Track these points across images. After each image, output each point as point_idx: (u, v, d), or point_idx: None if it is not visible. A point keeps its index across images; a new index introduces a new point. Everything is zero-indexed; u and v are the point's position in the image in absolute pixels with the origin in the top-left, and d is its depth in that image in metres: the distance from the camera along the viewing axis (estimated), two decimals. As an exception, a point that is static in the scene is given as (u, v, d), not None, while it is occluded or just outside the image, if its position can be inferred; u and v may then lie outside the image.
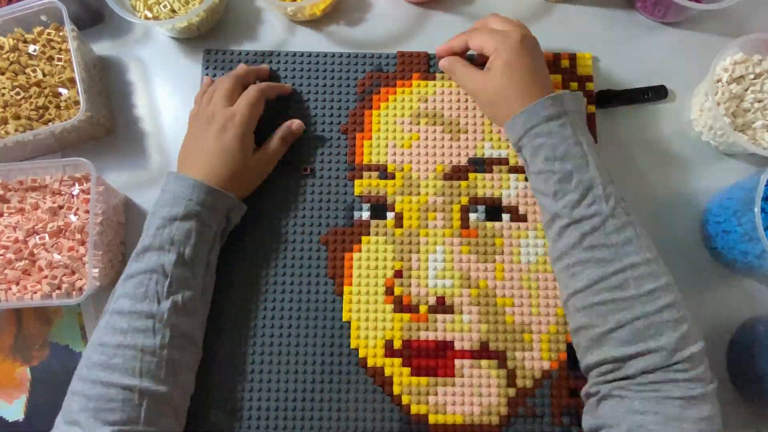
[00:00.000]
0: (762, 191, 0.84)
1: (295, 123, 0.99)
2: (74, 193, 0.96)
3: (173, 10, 1.02)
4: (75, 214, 0.95)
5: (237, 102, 0.93)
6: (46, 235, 0.94)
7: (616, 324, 0.76)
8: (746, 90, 0.97)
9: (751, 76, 0.97)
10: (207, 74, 1.06)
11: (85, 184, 0.96)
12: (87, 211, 0.94)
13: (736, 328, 0.94)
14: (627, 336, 0.76)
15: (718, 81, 0.97)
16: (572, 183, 0.82)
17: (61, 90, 0.99)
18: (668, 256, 0.93)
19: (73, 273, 0.93)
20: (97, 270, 0.91)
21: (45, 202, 0.95)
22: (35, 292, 0.92)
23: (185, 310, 0.84)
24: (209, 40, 1.08)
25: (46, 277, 0.92)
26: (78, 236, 0.94)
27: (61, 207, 0.95)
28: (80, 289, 0.92)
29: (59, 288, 0.92)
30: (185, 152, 0.93)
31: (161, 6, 1.02)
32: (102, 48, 1.09)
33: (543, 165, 0.85)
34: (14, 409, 0.97)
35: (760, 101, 0.96)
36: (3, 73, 0.99)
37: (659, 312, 0.75)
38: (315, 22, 1.08)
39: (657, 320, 0.75)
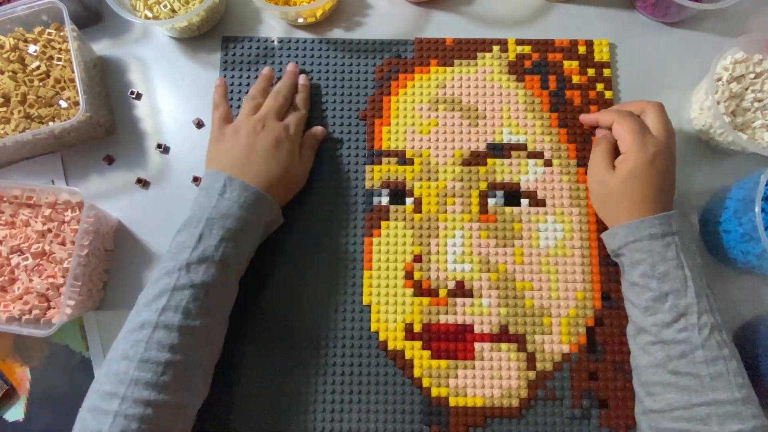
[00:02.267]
0: (762, 191, 0.84)
1: (319, 129, 1.01)
2: (66, 219, 0.94)
3: (173, 10, 1.02)
4: (62, 243, 0.93)
5: (287, 119, 0.96)
6: (29, 256, 0.91)
7: None
8: (746, 89, 0.98)
9: (752, 76, 0.98)
10: (225, 60, 1.06)
11: (78, 212, 0.94)
12: (74, 242, 0.91)
13: (738, 328, 0.95)
14: None
15: (719, 80, 0.98)
16: (666, 304, 0.80)
17: (61, 90, 0.98)
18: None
19: (48, 301, 0.91)
20: (72, 302, 0.88)
21: (36, 222, 0.93)
22: (5, 314, 0.90)
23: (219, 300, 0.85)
24: (209, 39, 1.08)
25: (20, 298, 0.90)
26: (59, 268, 0.91)
27: (50, 231, 0.93)
28: (50, 321, 0.90)
29: (29, 313, 0.90)
30: (231, 157, 0.91)
31: (161, 6, 1.02)
32: (102, 47, 1.08)
33: (639, 279, 0.84)
34: (14, 409, 0.95)
35: (760, 101, 0.97)
36: (3, 73, 0.98)
37: None
38: (314, 25, 1.08)
39: None
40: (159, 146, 1.03)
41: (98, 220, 0.93)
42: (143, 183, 1.02)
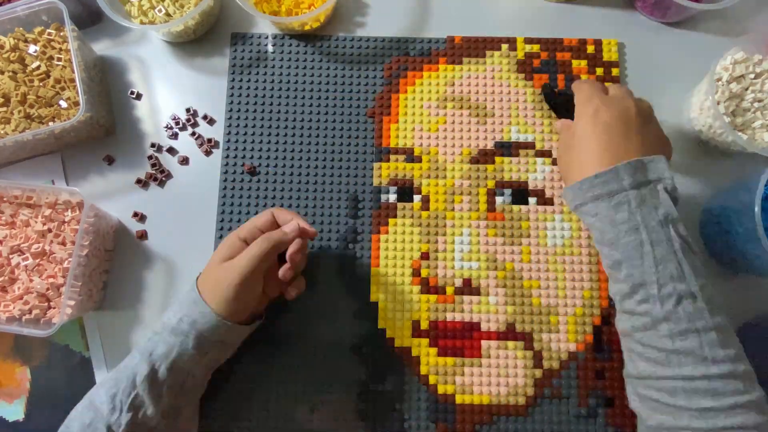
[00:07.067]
0: (762, 191, 0.84)
1: (290, 227, 0.83)
2: (66, 219, 0.94)
3: (168, 14, 1.01)
4: (62, 243, 0.92)
5: (244, 252, 0.81)
6: (30, 256, 0.91)
7: (659, 425, 0.70)
8: (746, 89, 0.98)
9: (752, 76, 0.99)
10: (234, 56, 1.06)
11: (78, 212, 0.94)
12: (74, 242, 0.91)
13: (738, 328, 0.95)
14: None
15: (719, 80, 0.98)
16: (621, 273, 0.74)
17: (61, 90, 0.97)
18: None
19: (48, 301, 0.91)
20: (72, 302, 0.88)
21: (36, 222, 0.93)
22: (5, 314, 0.89)
23: (142, 427, 0.77)
24: (204, 43, 1.07)
25: (21, 298, 0.90)
26: (59, 268, 0.91)
27: (50, 231, 0.92)
28: (50, 320, 0.90)
29: (29, 313, 0.89)
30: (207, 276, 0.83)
31: (156, 10, 1.01)
32: (102, 47, 1.08)
33: (596, 244, 0.79)
34: (14, 409, 0.95)
35: (759, 101, 0.98)
36: (3, 73, 0.97)
37: None
38: (314, 29, 1.08)
39: None
40: (153, 145, 1.03)
41: (98, 220, 0.93)
42: (143, 183, 1.01)
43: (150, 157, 1.01)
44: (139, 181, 1.01)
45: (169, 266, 0.97)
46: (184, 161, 1.01)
